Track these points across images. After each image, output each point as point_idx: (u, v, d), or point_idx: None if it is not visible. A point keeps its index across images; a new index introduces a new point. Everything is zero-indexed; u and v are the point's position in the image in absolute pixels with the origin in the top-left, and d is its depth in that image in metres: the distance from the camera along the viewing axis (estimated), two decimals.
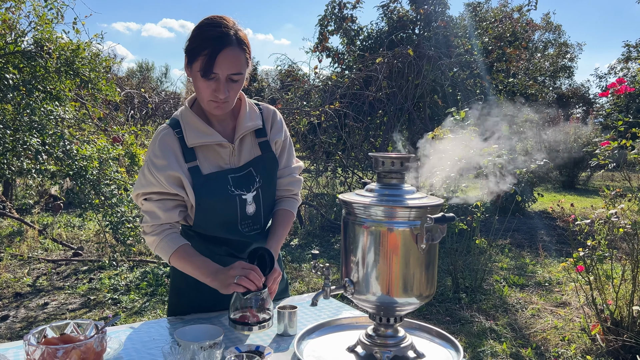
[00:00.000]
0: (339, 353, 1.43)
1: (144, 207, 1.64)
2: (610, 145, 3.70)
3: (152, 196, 1.63)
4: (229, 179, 1.66)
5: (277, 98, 8.43)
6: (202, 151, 1.64)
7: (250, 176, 1.70)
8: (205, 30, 1.53)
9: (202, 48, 1.50)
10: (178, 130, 1.64)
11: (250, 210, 1.72)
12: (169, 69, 47.70)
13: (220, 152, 1.67)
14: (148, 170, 1.61)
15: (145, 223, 1.64)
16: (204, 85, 1.54)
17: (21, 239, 6.49)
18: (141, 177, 1.64)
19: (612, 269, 3.77)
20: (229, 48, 1.50)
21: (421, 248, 1.29)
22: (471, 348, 3.75)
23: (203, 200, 1.63)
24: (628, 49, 21.96)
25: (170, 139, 1.62)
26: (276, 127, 1.79)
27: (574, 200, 10.64)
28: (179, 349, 1.23)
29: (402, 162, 1.36)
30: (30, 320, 4.22)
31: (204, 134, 1.63)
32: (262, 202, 1.74)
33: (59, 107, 5.10)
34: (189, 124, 1.64)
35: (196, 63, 1.52)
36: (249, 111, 1.73)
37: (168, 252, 1.62)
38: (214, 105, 1.58)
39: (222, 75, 1.52)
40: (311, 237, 7.21)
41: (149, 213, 1.63)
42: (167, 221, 1.63)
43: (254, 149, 1.73)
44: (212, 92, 1.54)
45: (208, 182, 1.63)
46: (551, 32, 24.25)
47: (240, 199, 1.68)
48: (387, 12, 10.13)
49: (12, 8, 5.26)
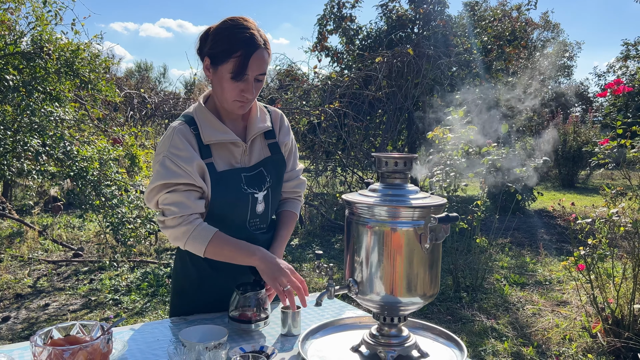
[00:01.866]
0: (343, 353, 1.44)
1: (168, 199, 1.58)
2: (609, 144, 3.71)
3: (179, 187, 1.57)
4: (242, 177, 1.68)
5: (276, 98, 8.43)
6: (217, 149, 1.65)
7: (262, 176, 1.73)
8: (234, 32, 1.55)
9: (233, 51, 1.52)
10: (194, 127, 1.64)
11: (259, 209, 1.73)
12: (167, 69, 47.67)
13: (233, 151, 1.68)
14: (171, 162, 1.57)
15: (171, 215, 1.57)
16: (231, 86, 1.56)
17: (21, 240, 6.49)
18: (161, 170, 1.57)
19: (612, 268, 3.78)
20: (259, 50, 1.55)
21: (425, 248, 1.30)
22: (472, 347, 3.76)
23: (217, 197, 1.64)
24: (627, 47, 21.97)
25: (188, 134, 1.62)
26: (284, 130, 1.83)
27: (573, 198, 10.64)
28: (183, 349, 1.23)
29: (405, 162, 1.37)
30: (32, 321, 4.22)
31: (220, 132, 1.64)
32: (270, 202, 1.77)
33: (59, 108, 5.10)
34: (205, 121, 1.65)
35: (226, 65, 1.54)
36: (259, 113, 1.76)
37: (206, 239, 1.57)
38: (238, 104, 1.61)
39: (251, 77, 1.56)
40: (312, 237, 7.21)
41: (176, 204, 1.57)
42: (196, 211, 1.59)
43: (263, 150, 1.76)
44: (240, 92, 1.57)
45: (222, 179, 1.64)
46: (550, 31, 24.28)
47: (252, 197, 1.70)
48: (386, 11, 10.13)
49: (11, 9, 5.26)
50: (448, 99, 7.96)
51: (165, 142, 1.62)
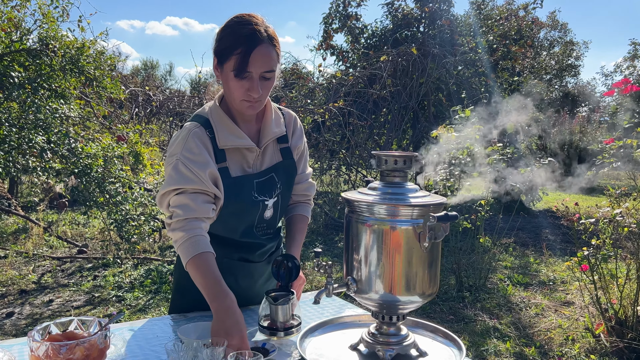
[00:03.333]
0: (342, 351, 1.43)
1: (176, 201, 1.53)
2: (615, 143, 3.69)
3: (187, 189, 1.53)
4: (254, 184, 1.64)
5: (281, 96, 8.43)
6: (230, 153, 1.62)
7: (273, 182, 1.69)
8: (236, 29, 1.50)
9: (235, 47, 1.48)
10: (210, 129, 1.59)
11: (267, 215, 1.71)
12: (173, 67, 47.74)
13: (247, 156, 1.64)
14: (184, 167, 1.52)
15: (176, 218, 1.52)
16: (237, 84, 1.51)
17: (26, 236, 6.52)
18: (174, 174, 1.53)
19: (616, 268, 3.76)
20: (261, 45, 1.48)
21: (424, 246, 1.29)
22: (475, 347, 3.75)
23: (229, 203, 1.60)
24: (634, 46, 21.86)
25: (204, 137, 1.57)
26: (297, 134, 1.78)
27: (578, 199, 10.58)
28: (182, 346, 1.23)
29: (405, 160, 1.36)
30: (36, 317, 4.24)
31: (235, 137, 1.60)
32: (279, 208, 1.74)
33: (64, 105, 5.12)
34: (221, 125, 1.60)
35: (228, 63, 1.50)
36: (274, 116, 1.71)
37: (190, 254, 1.48)
38: (246, 104, 1.55)
39: (255, 74, 1.50)
40: (315, 235, 7.22)
41: (181, 206, 1.52)
42: (201, 215, 1.52)
43: (275, 154, 1.72)
44: (245, 91, 1.51)
45: (235, 186, 1.60)
46: (557, 30, 24.15)
47: (263, 205, 1.67)
48: (392, 10, 10.10)
49: (17, 6, 5.29)
50: (455, 100, 7.95)
51: (179, 144, 1.56)
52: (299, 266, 1.57)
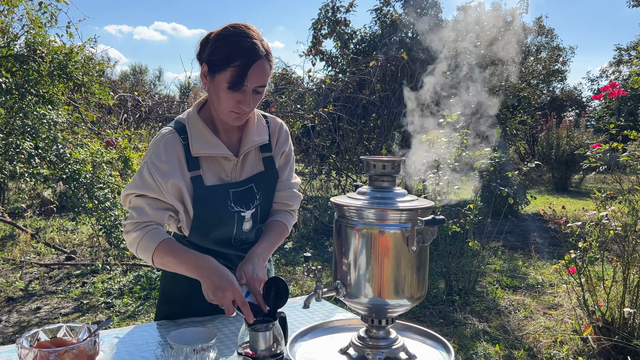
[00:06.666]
0: (332, 355, 1.44)
1: (133, 203, 1.54)
2: (601, 147, 3.74)
3: (147, 194, 1.54)
4: (230, 194, 1.61)
5: (271, 101, 8.44)
6: (206, 161, 1.59)
7: (251, 192, 1.65)
8: (235, 40, 1.46)
9: (233, 60, 1.44)
10: (184, 136, 1.56)
11: (246, 227, 1.67)
12: (162, 72, 47.61)
13: (224, 165, 1.61)
14: (148, 173, 1.52)
15: (129, 220, 1.52)
16: (228, 96, 1.48)
17: (13, 243, 6.46)
18: (137, 178, 1.54)
19: (603, 271, 3.80)
20: (260, 61, 1.46)
21: (412, 250, 1.31)
22: (464, 350, 3.77)
23: (203, 212, 1.58)
24: (619, 52, 22.16)
25: (176, 144, 1.55)
26: (282, 140, 1.74)
27: (566, 202, 10.69)
28: (171, 351, 1.23)
29: (393, 165, 1.38)
30: (23, 324, 4.19)
31: (210, 145, 1.56)
32: (259, 219, 1.70)
33: (52, 110, 5.09)
34: (196, 132, 1.57)
35: (223, 74, 1.46)
36: (257, 124, 1.67)
37: (151, 248, 1.48)
38: (234, 116, 1.53)
39: (249, 88, 1.47)
40: (305, 240, 7.22)
41: (136, 209, 1.53)
42: (154, 219, 1.53)
43: (257, 164, 1.68)
44: (236, 103, 1.49)
45: (210, 195, 1.57)
46: (544, 36, 24.42)
47: (239, 216, 1.64)
48: (380, 16, 10.18)
49: (4, 11, 5.25)
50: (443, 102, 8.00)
51: (150, 149, 1.57)
52: (288, 290, 1.43)
